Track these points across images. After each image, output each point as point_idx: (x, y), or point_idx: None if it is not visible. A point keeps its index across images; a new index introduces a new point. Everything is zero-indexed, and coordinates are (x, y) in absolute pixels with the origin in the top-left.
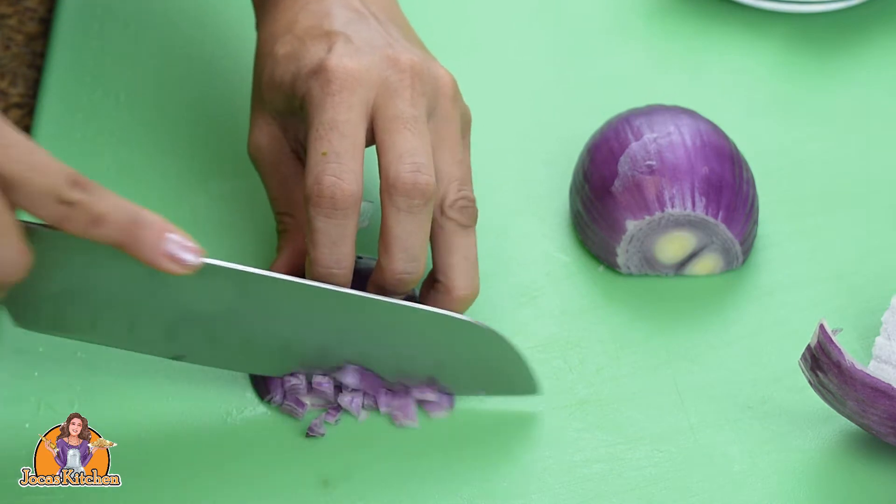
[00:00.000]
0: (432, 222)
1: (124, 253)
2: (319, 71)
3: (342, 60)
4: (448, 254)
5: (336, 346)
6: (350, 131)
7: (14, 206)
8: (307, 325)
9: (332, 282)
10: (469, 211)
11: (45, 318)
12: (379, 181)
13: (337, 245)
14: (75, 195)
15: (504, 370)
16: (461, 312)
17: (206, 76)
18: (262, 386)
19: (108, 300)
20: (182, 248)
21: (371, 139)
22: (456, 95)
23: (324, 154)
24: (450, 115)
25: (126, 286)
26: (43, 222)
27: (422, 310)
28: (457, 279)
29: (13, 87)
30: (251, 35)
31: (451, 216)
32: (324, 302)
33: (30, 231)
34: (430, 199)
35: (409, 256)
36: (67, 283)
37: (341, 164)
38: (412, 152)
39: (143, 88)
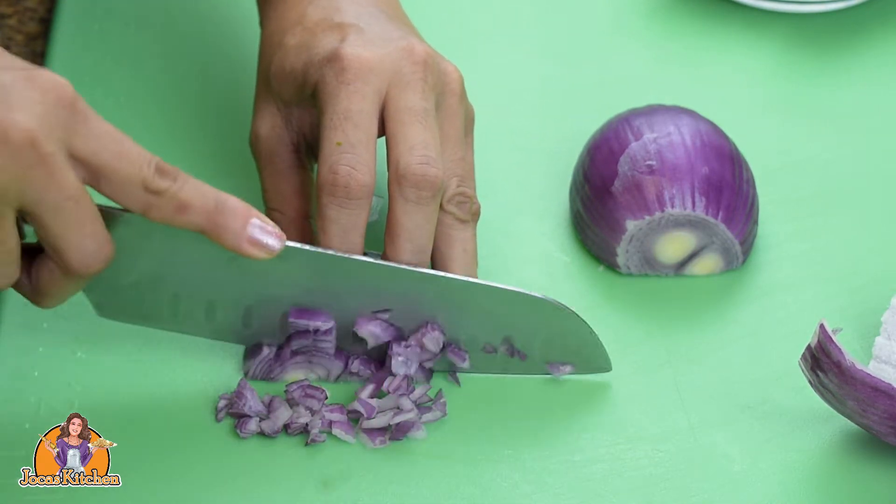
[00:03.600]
0: None
1: (205, 238)
2: (334, 59)
3: (356, 50)
4: (447, 246)
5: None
6: (364, 122)
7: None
8: (387, 304)
9: None
10: (466, 206)
11: (126, 308)
12: (387, 174)
13: (348, 234)
14: (161, 183)
15: (575, 345)
16: None
17: (206, 76)
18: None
19: (187, 287)
20: (265, 232)
21: (381, 129)
22: (462, 93)
23: (339, 144)
24: (454, 112)
25: (205, 272)
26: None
27: (493, 286)
28: (455, 269)
29: None
30: (252, 35)
31: (449, 210)
32: (403, 282)
33: (110, 217)
34: (439, 192)
35: (415, 247)
36: (147, 270)
37: (356, 155)
38: (423, 145)
39: (143, 88)
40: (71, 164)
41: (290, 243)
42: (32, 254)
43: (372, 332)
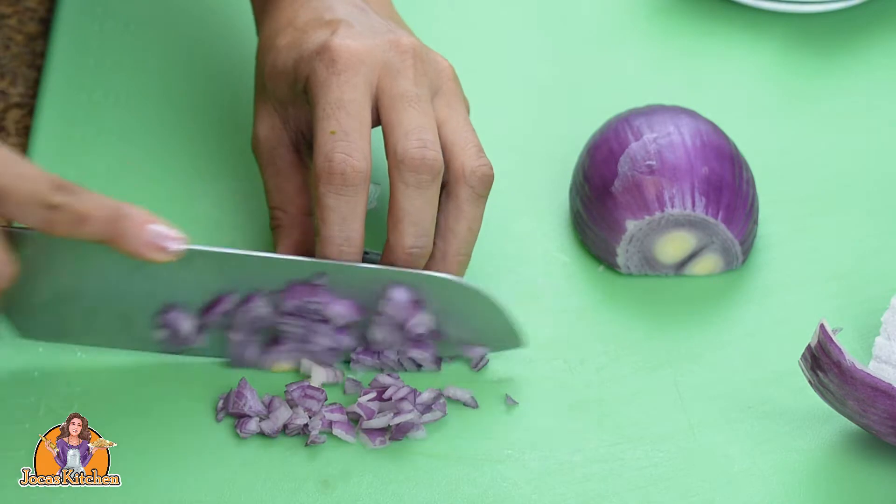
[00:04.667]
0: (444, 189)
1: (110, 248)
2: (323, 51)
3: (345, 41)
4: (455, 221)
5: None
6: (356, 110)
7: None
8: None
9: (343, 259)
10: (488, 180)
11: (44, 326)
12: (384, 162)
13: (347, 221)
14: (59, 198)
15: (485, 324)
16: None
17: (206, 76)
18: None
19: (100, 300)
20: (164, 236)
21: (375, 120)
22: (457, 79)
23: (332, 133)
24: (455, 92)
25: (115, 282)
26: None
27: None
28: (456, 245)
29: (13, 87)
30: (252, 35)
31: (471, 184)
32: (311, 275)
33: (15, 236)
34: (438, 175)
35: (418, 231)
36: (59, 286)
37: (350, 142)
38: (419, 129)
39: (143, 88)
40: None
41: (196, 246)
42: None
43: (338, 312)
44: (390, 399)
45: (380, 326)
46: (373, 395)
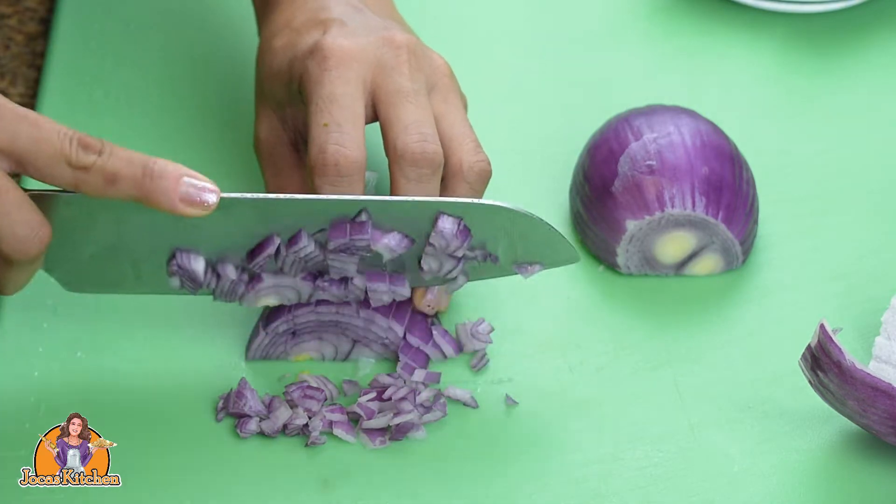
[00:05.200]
0: (441, 184)
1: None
2: (315, 50)
3: (337, 40)
4: None
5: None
6: (349, 103)
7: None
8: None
9: None
10: (486, 175)
11: (90, 279)
12: (381, 151)
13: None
14: (86, 158)
15: (538, 243)
16: None
17: (206, 76)
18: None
19: (144, 250)
20: (198, 189)
21: (372, 116)
22: (453, 76)
23: (325, 125)
24: (451, 88)
25: (156, 233)
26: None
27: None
28: None
29: (13, 87)
30: (252, 35)
31: (468, 179)
32: (353, 213)
33: (50, 199)
34: (439, 168)
35: None
36: (101, 241)
37: (343, 133)
38: (417, 123)
39: (143, 88)
40: None
41: (228, 194)
42: None
43: (386, 244)
44: (390, 399)
45: (430, 257)
46: (373, 395)
